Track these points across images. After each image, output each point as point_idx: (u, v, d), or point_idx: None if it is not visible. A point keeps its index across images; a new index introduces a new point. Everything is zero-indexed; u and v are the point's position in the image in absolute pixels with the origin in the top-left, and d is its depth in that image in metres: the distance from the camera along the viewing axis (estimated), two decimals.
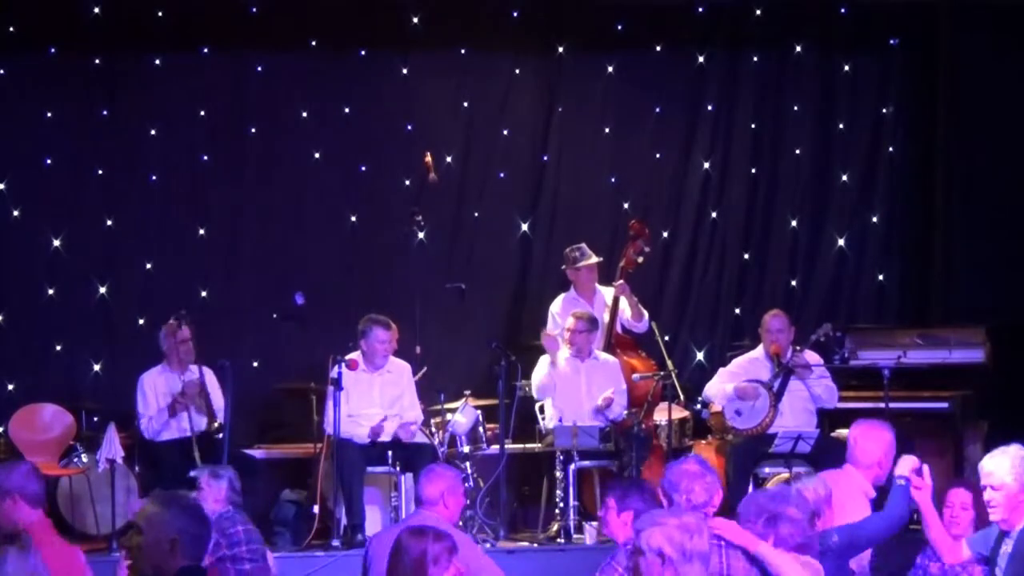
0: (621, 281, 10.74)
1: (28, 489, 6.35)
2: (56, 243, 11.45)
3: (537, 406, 10.77)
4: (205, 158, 11.75)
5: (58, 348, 11.40)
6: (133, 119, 11.61)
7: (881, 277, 12.57)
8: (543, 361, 10.51)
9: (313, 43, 11.79)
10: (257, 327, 11.62)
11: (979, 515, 7.37)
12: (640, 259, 10.93)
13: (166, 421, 9.82)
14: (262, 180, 11.83)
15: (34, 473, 6.47)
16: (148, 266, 11.59)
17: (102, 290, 11.54)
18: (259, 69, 11.78)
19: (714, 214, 12.46)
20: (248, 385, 10.69)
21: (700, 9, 12.26)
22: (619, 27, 12.18)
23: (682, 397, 10.62)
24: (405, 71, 12.02)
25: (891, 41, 12.53)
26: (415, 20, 11.90)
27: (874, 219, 12.57)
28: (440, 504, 7.33)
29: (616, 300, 10.76)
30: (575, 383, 10.35)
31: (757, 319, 10.95)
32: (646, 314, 10.92)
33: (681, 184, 12.43)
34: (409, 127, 11.99)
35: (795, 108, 12.51)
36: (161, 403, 9.88)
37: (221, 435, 9.61)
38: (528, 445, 10.74)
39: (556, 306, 11.00)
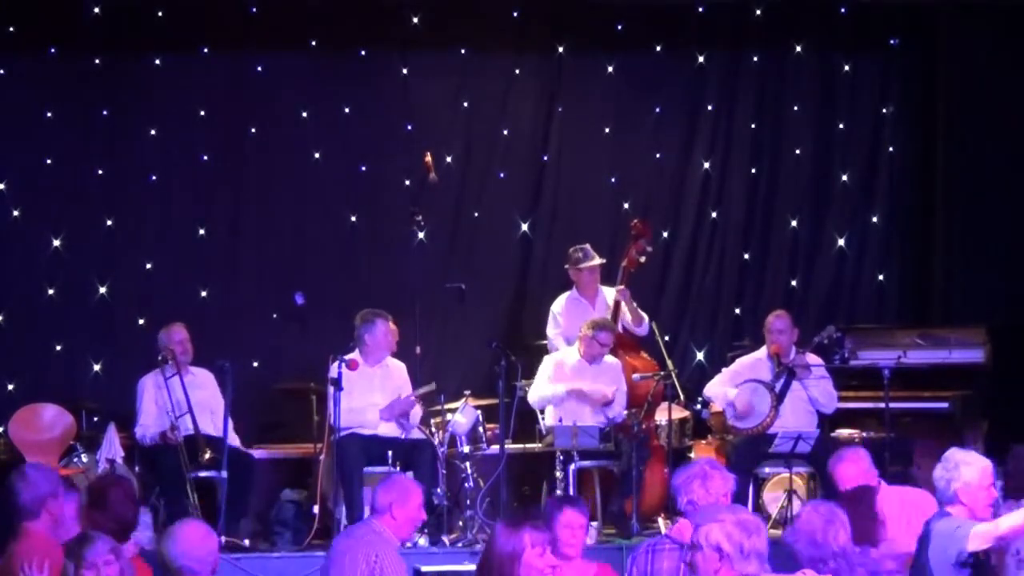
0: (622, 287, 10.73)
1: None
2: (56, 243, 11.45)
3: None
4: (205, 158, 11.76)
5: (58, 348, 11.41)
6: (133, 119, 11.62)
7: (881, 277, 12.57)
8: (546, 377, 10.46)
9: (313, 43, 11.79)
10: (257, 327, 11.62)
11: None
12: (642, 259, 10.92)
13: (161, 440, 9.78)
14: (262, 180, 11.83)
15: None
16: (148, 266, 11.59)
17: (102, 290, 11.54)
18: (259, 69, 11.78)
19: (714, 214, 12.46)
20: (248, 385, 10.69)
21: (700, 9, 12.25)
22: (619, 27, 12.18)
23: (682, 397, 10.61)
24: (405, 71, 12.02)
25: (891, 41, 12.52)
26: (415, 20, 11.89)
27: (874, 219, 12.57)
28: (388, 515, 7.12)
29: (617, 304, 10.75)
30: (581, 384, 10.33)
31: (757, 319, 10.95)
32: (646, 318, 10.91)
33: (681, 184, 12.42)
34: (409, 127, 12.00)
35: (795, 108, 12.50)
36: (158, 409, 9.85)
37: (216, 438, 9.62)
38: (528, 445, 10.73)
39: (558, 306, 10.98)
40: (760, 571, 4.86)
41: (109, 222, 11.58)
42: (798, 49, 12.47)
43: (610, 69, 12.31)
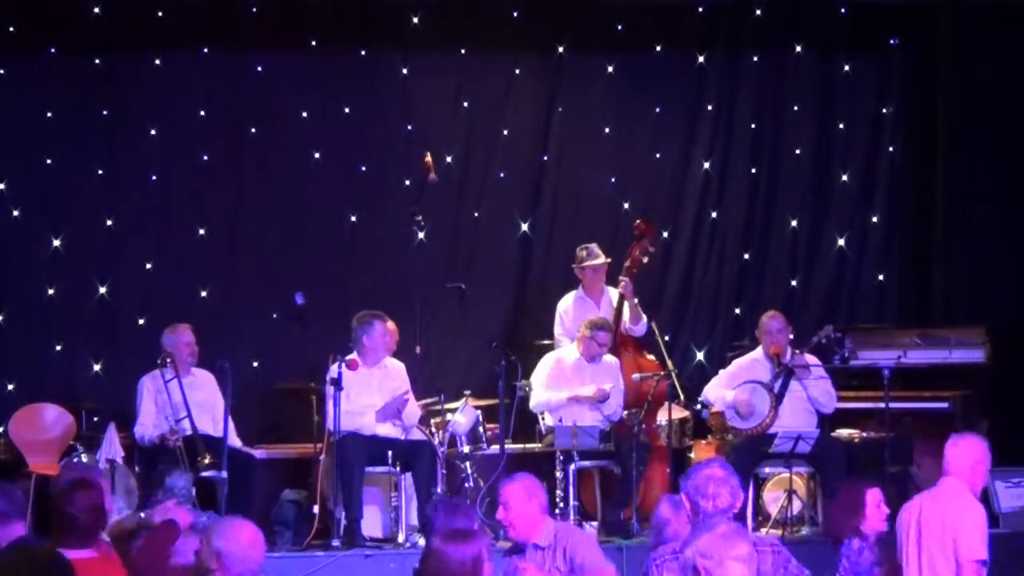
0: (626, 280, 10.74)
1: None
2: (56, 243, 11.45)
3: None
4: (205, 158, 11.76)
5: (58, 348, 11.41)
6: (133, 119, 11.62)
7: (881, 277, 12.57)
8: (544, 377, 10.46)
9: (313, 43, 11.80)
10: (257, 327, 11.62)
11: None
12: (645, 259, 10.93)
13: (159, 441, 9.77)
14: (262, 180, 11.83)
15: None
16: (148, 266, 11.60)
17: (102, 290, 11.54)
18: (259, 69, 11.78)
19: (714, 214, 12.46)
20: (248, 385, 10.70)
21: (700, 9, 12.26)
22: (619, 27, 12.19)
23: (682, 397, 10.61)
24: (405, 71, 12.02)
25: (891, 41, 12.53)
26: (415, 20, 11.90)
27: (874, 219, 12.57)
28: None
29: (621, 299, 10.76)
30: (580, 383, 10.34)
31: (757, 319, 10.94)
32: (644, 317, 10.91)
33: (681, 184, 12.43)
34: (409, 127, 12.00)
35: (795, 108, 12.51)
36: (157, 409, 9.86)
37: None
38: (528, 445, 10.74)
39: (564, 304, 10.98)
40: (746, 574, 4.86)
41: (109, 222, 11.58)
42: (798, 49, 12.47)
43: (610, 69, 12.32)
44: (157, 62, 11.56)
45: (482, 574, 5.18)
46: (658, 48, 12.34)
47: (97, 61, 11.53)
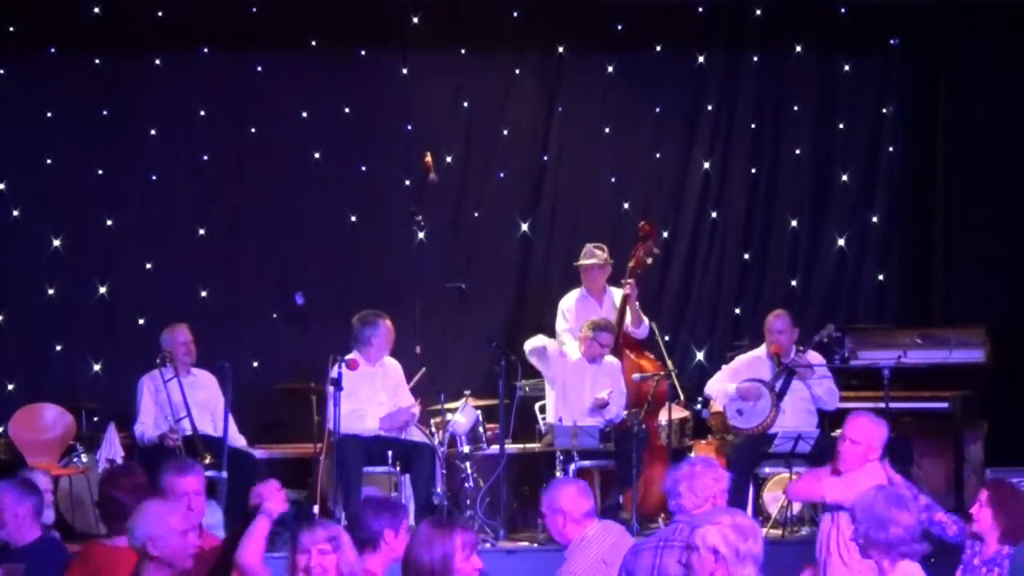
0: (631, 281, 10.73)
1: None
2: (56, 243, 11.46)
3: (537, 406, 10.78)
4: (205, 158, 11.76)
5: (58, 348, 11.41)
6: (133, 119, 11.62)
7: (881, 277, 12.58)
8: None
9: (313, 43, 11.80)
10: (257, 327, 11.63)
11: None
12: (649, 260, 10.94)
13: (159, 441, 9.77)
14: (262, 180, 11.84)
15: None
16: (148, 266, 11.60)
17: (102, 290, 11.55)
18: (259, 69, 11.78)
19: (714, 214, 12.47)
20: (248, 385, 10.69)
21: (700, 9, 12.26)
22: (619, 27, 12.19)
23: (682, 397, 10.61)
24: (405, 71, 12.02)
25: (891, 41, 12.53)
26: (415, 20, 11.90)
27: (874, 219, 12.58)
28: None
29: (624, 301, 10.75)
30: (580, 383, 10.35)
31: (757, 319, 10.96)
32: (646, 321, 10.91)
33: (681, 184, 12.43)
34: (409, 127, 12.00)
35: (795, 108, 12.51)
36: (157, 408, 9.86)
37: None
38: (528, 445, 10.74)
39: (566, 303, 10.97)
40: (755, 575, 4.88)
41: (109, 222, 11.58)
42: (798, 49, 12.47)
43: (610, 69, 12.32)
44: (157, 62, 11.56)
45: (452, 568, 5.22)
46: (658, 48, 12.34)
47: (97, 61, 11.53)
